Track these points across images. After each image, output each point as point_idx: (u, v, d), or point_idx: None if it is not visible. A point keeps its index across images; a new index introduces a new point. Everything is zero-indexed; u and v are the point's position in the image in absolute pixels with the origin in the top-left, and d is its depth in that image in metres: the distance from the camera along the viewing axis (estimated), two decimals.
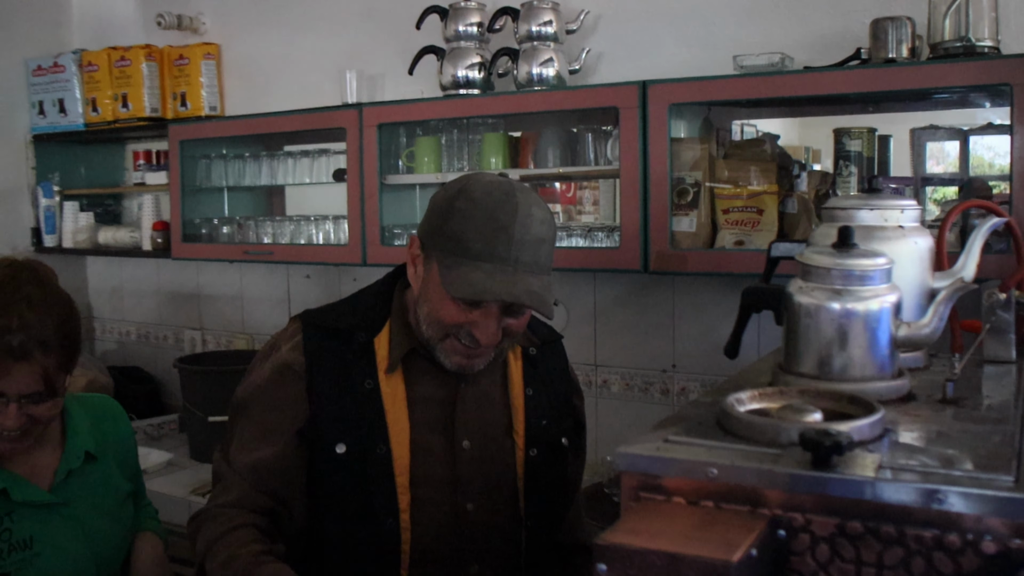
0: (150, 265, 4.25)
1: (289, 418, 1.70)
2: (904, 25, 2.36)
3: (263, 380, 1.74)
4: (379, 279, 1.84)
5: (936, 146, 2.71)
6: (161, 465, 3.41)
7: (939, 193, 2.71)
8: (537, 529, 1.79)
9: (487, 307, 1.61)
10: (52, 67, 4.14)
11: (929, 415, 1.30)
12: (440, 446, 1.71)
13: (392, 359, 1.70)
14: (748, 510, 1.05)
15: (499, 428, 1.77)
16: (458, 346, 1.65)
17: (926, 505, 0.99)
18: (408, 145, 3.16)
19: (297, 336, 1.74)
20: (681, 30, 2.85)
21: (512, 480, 1.76)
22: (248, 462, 1.69)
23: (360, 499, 1.67)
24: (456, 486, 1.71)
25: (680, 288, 2.92)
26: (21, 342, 1.69)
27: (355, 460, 1.67)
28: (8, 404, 1.72)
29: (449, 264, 1.60)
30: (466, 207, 1.61)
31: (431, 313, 1.66)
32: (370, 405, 1.68)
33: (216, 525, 1.63)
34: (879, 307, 1.34)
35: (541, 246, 1.62)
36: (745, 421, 1.15)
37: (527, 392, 1.80)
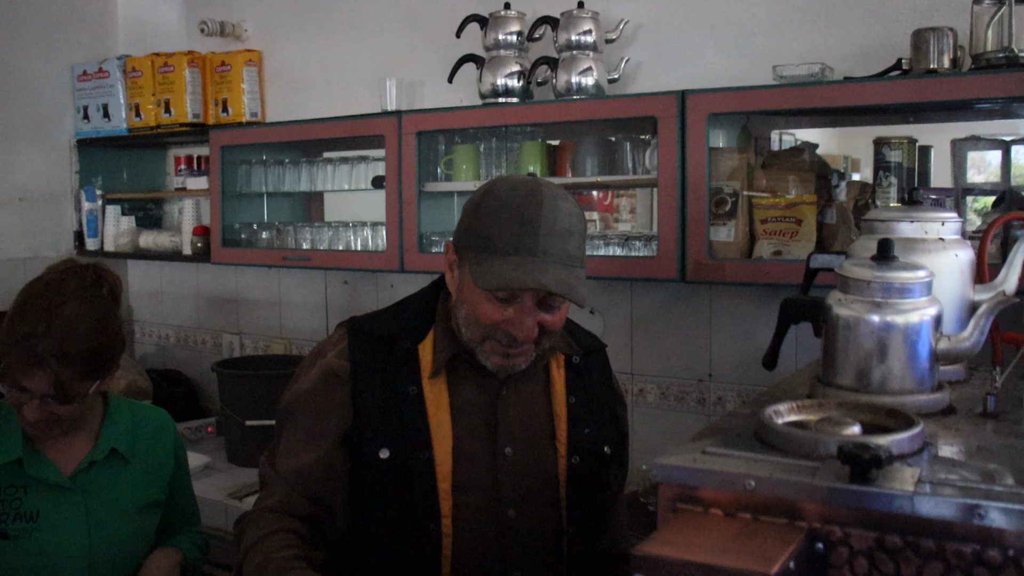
0: (190, 269, 4.30)
1: (334, 423, 1.72)
2: (946, 36, 2.35)
3: (309, 386, 1.77)
4: (424, 287, 1.86)
5: (977, 156, 2.69)
6: (199, 468, 3.44)
7: (979, 203, 2.69)
8: (579, 537, 1.79)
9: (521, 302, 1.63)
10: (97, 72, 4.20)
11: (969, 429, 1.29)
12: (483, 452, 1.72)
13: (436, 365, 1.72)
14: (785, 523, 1.05)
15: (542, 435, 1.78)
16: (497, 347, 1.67)
17: (967, 520, 0.99)
18: (447, 153, 3.18)
19: (343, 343, 1.77)
20: (720, 40, 2.85)
21: (554, 488, 1.77)
22: (292, 467, 1.71)
23: (403, 504, 1.69)
24: (498, 492, 1.72)
25: (717, 297, 2.92)
26: (42, 349, 1.79)
27: (398, 465, 1.68)
28: (31, 399, 1.84)
29: (479, 261, 1.63)
30: (492, 205, 1.65)
31: (468, 315, 1.68)
32: (414, 410, 1.70)
33: (256, 529, 1.65)
34: (919, 320, 1.34)
35: (569, 238, 1.63)
36: (783, 433, 1.16)
37: (570, 400, 1.80)
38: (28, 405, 1.84)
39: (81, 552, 1.94)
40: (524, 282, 1.58)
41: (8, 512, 1.90)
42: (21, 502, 1.91)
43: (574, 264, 1.64)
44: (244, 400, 3.49)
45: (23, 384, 1.82)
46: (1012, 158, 2.63)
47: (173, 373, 4.30)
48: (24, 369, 1.80)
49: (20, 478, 1.92)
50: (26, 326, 1.80)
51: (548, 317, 1.66)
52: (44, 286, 1.88)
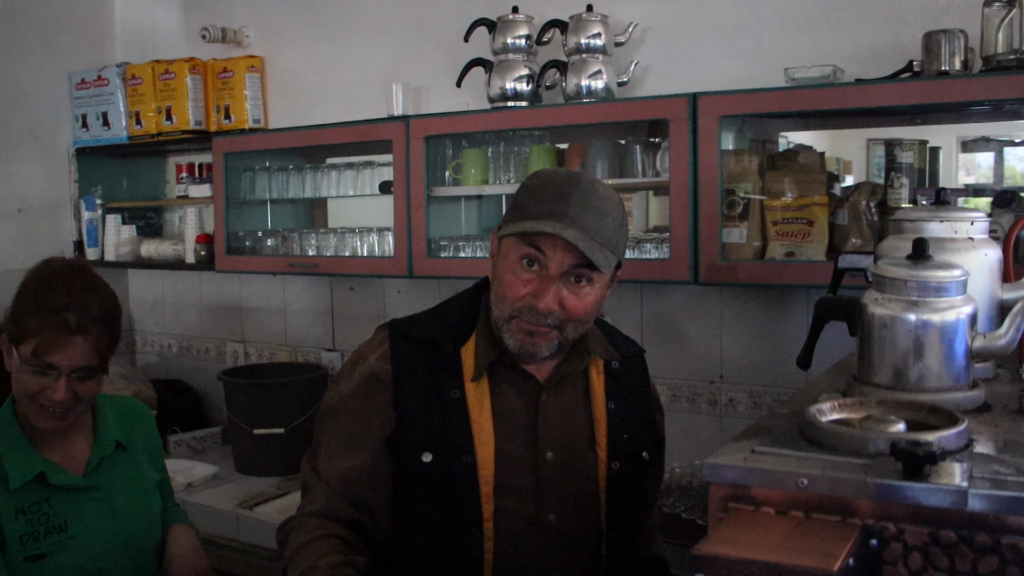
0: (192, 278, 4.28)
1: (377, 427, 1.72)
2: (957, 38, 2.36)
3: (351, 389, 1.76)
4: (465, 289, 1.86)
5: (967, 157, 2.71)
6: (207, 478, 3.43)
7: (970, 203, 2.71)
8: (618, 541, 1.79)
9: (544, 272, 1.63)
10: (96, 80, 4.18)
11: (1008, 425, 1.30)
12: (524, 457, 1.72)
13: (478, 369, 1.72)
14: (839, 520, 1.06)
15: (581, 440, 1.78)
16: (522, 324, 1.67)
17: (1020, 514, 1.00)
18: (455, 157, 3.18)
19: (384, 345, 1.77)
20: (731, 43, 2.86)
21: (594, 492, 1.77)
22: (336, 471, 1.71)
23: (445, 508, 1.68)
24: (538, 497, 1.72)
25: (728, 299, 2.92)
26: (78, 319, 1.86)
27: (441, 469, 1.68)
28: (59, 378, 1.85)
29: (508, 223, 1.67)
30: (532, 182, 1.71)
31: (497, 290, 1.70)
32: (456, 414, 1.70)
33: (300, 534, 1.65)
34: (956, 318, 1.35)
35: (603, 218, 1.64)
36: (831, 431, 1.16)
37: (609, 406, 1.80)
38: (55, 386, 1.85)
39: (117, 548, 1.98)
40: (542, 228, 1.60)
41: (39, 529, 1.88)
42: (48, 516, 1.90)
43: (604, 243, 1.63)
44: (252, 409, 3.48)
45: (54, 360, 1.84)
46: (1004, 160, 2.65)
47: (176, 383, 4.27)
48: (61, 342, 1.84)
49: (41, 492, 1.91)
50: (58, 300, 1.87)
51: (572, 298, 1.65)
52: (59, 267, 1.97)
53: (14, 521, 1.86)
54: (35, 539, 1.87)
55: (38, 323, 1.86)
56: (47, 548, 1.87)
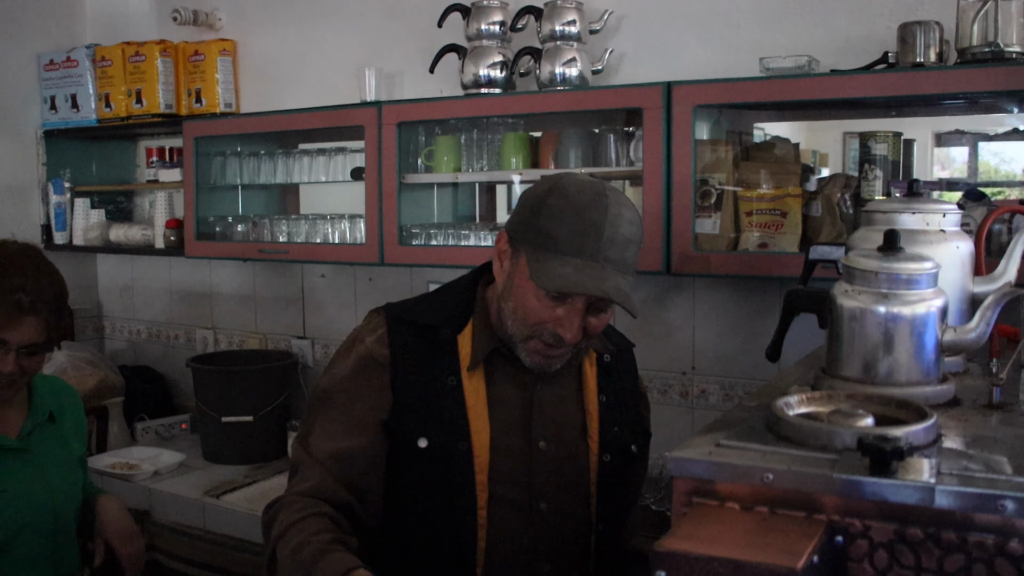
0: (162, 263, 4.22)
1: (373, 409, 1.71)
2: (932, 29, 2.35)
3: (347, 371, 1.75)
4: (461, 276, 1.85)
5: (942, 152, 2.71)
6: (173, 466, 3.39)
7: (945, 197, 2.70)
8: (607, 532, 1.80)
9: (572, 303, 1.62)
10: (65, 62, 4.11)
11: (977, 420, 1.29)
12: (518, 446, 1.72)
13: (475, 357, 1.72)
14: (804, 516, 1.04)
15: (574, 432, 1.78)
16: (540, 346, 1.67)
17: (987, 511, 0.98)
18: (427, 144, 3.15)
19: (381, 329, 1.75)
20: (706, 32, 2.83)
21: (585, 483, 1.78)
22: (330, 450, 1.69)
23: (440, 494, 1.68)
24: (531, 486, 1.72)
25: (700, 290, 2.91)
26: (31, 300, 2.02)
27: (436, 455, 1.68)
28: (8, 352, 2.03)
29: (538, 258, 1.62)
30: (558, 203, 1.62)
31: (517, 309, 1.67)
32: (453, 401, 1.69)
33: (290, 512, 1.62)
34: (926, 311, 1.33)
35: (628, 247, 1.63)
36: (798, 425, 1.14)
37: (601, 398, 1.81)
38: (4, 359, 2.02)
39: (44, 506, 2.14)
40: (586, 287, 1.58)
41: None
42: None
43: (628, 272, 1.64)
44: (220, 397, 3.45)
45: (6, 336, 2.00)
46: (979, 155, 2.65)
47: (145, 369, 4.22)
48: (13, 320, 2.00)
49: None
50: (12, 282, 2.01)
51: (594, 321, 1.66)
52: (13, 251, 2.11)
53: None
54: None
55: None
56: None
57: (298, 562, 1.54)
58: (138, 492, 3.24)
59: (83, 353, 3.83)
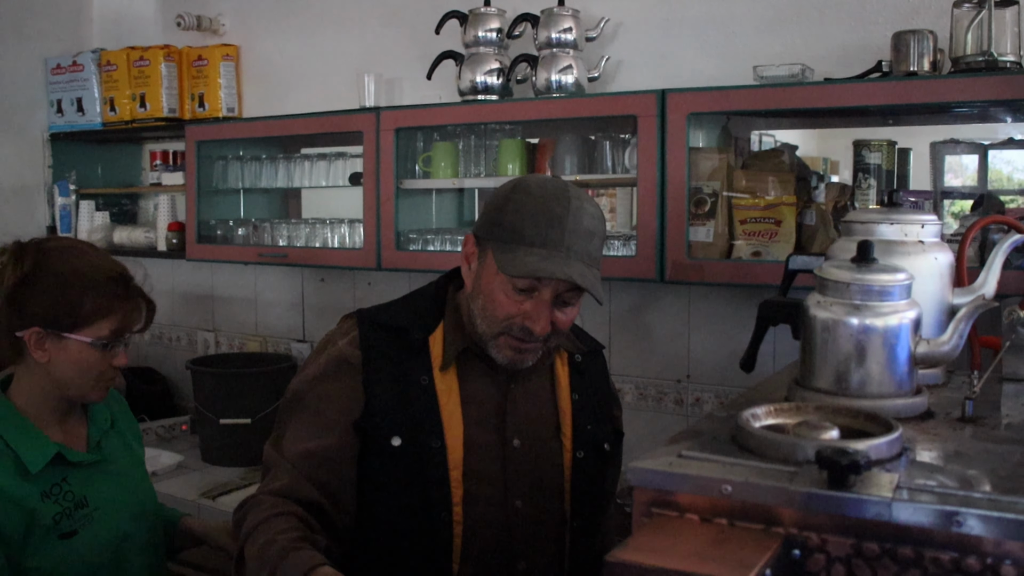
0: (164, 266, 4.24)
1: (345, 410, 1.72)
2: (926, 38, 2.34)
3: (319, 372, 1.77)
4: (432, 281, 1.88)
5: (955, 159, 2.69)
6: (171, 467, 3.40)
7: (957, 206, 2.69)
8: (581, 529, 1.81)
9: (539, 296, 1.65)
10: (71, 66, 4.14)
11: (948, 434, 1.28)
12: (492, 443, 1.74)
13: (446, 357, 1.74)
14: (762, 528, 1.04)
15: (548, 429, 1.80)
16: (512, 341, 1.69)
17: (945, 527, 0.98)
18: (425, 150, 3.15)
19: (353, 332, 1.78)
20: (701, 40, 2.83)
21: (559, 480, 1.80)
22: (300, 451, 1.70)
23: (415, 492, 1.69)
24: (506, 483, 1.74)
25: (696, 298, 2.90)
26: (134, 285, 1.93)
27: (410, 453, 1.69)
28: (127, 344, 1.94)
29: (504, 250, 1.65)
30: (521, 199, 1.68)
31: (486, 305, 1.70)
32: (425, 400, 1.71)
33: (259, 511, 1.63)
34: (898, 323, 1.33)
35: (592, 239, 1.67)
36: (760, 437, 1.14)
37: (573, 397, 1.84)
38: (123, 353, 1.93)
39: (136, 515, 2.04)
40: (552, 272, 1.61)
41: (68, 506, 1.91)
42: (72, 494, 1.92)
43: (594, 264, 1.69)
44: (218, 398, 3.45)
45: (135, 326, 1.93)
46: (989, 162, 2.63)
47: (147, 371, 4.24)
48: (135, 309, 1.91)
49: (57, 473, 1.92)
50: (114, 271, 1.90)
51: (560, 316, 1.69)
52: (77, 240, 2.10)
53: (43, 504, 1.87)
54: (67, 516, 1.89)
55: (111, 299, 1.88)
56: (78, 524, 1.91)
57: (264, 560, 1.54)
58: None
59: None
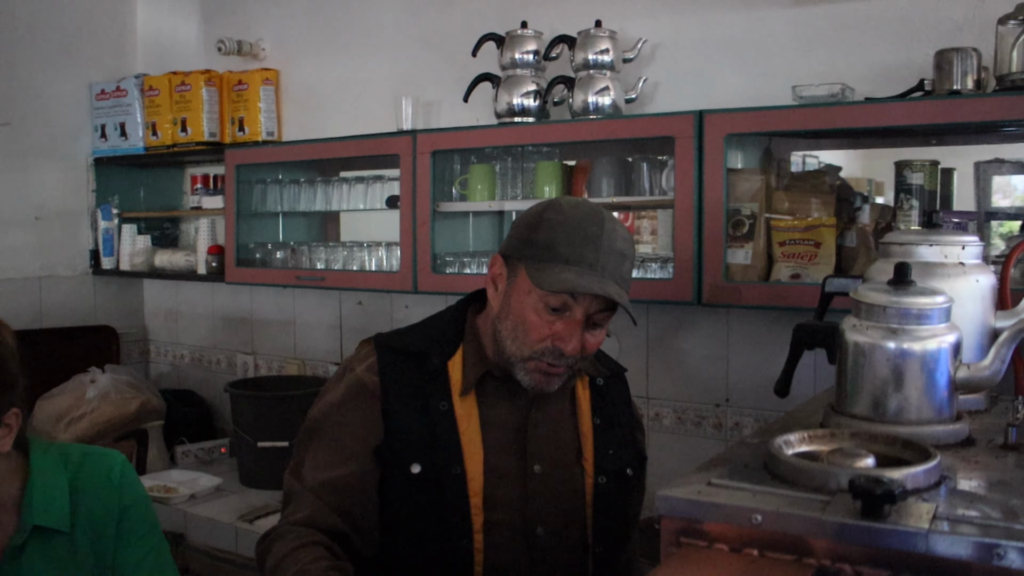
0: (204, 289, 4.28)
1: (364, 437, 1.71)
2: (970, 56, 2.30)
3: (338, 400, 1.76)
4: (451, 305, 1.87)
5: (1003, 180, 2.64)
6: (210, 490, 3.42)
7: (1005, 227, 2.63)
8: (604, 556, 1.79)
9: (571, 315, 1.64)
10: (115, 91, 4.21)
11: (989, 461, 1.24)
12: (512, 469, 1.73)
13: (466, 382, 1.73)
14: (793, 559, 1.01)
15: (569, 455, 1.79)
16: (541, 365, 1.68)
17: (985, 561, 0.94)
18: (462, 172, 3.15)
19: (371, 358, 1.77)
20: (739, 60, 2.81)
21: (581, 506, 1.78)
22: (322, 480, 1.69)
23: (435, 519, 1.68)
24: (527, 509, 1.72)
25: (734, 321, 2.86)
26: None
27: (430, 480, 1.68)
28: None
29: (539, 267, 1.65)
30: (555, 218, 1.67)
31: (516, 327, 1.68)
32: (445, 426, 1.70)
33: (286, 542, 1.62)
34: (937, 347, 1.29)
35: (624, 261, 1.67)
36: (792, 465, 1.11)
37: (595, 421, 1.82)
38: None
39: None
40: (588, 287, 1.60)
41: None
42: None
43: (625, 287, 1.67)
44: (257, 421, 3.47)
45: None
46: None
47: (187, 393, 4.28)
48: None
49: None
50: None
51: (590, 338, 1.68)
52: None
53: None
54: None
55: None
56: None
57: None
58: (174, 515, 3.27)
59: (126, 376, 3.89)
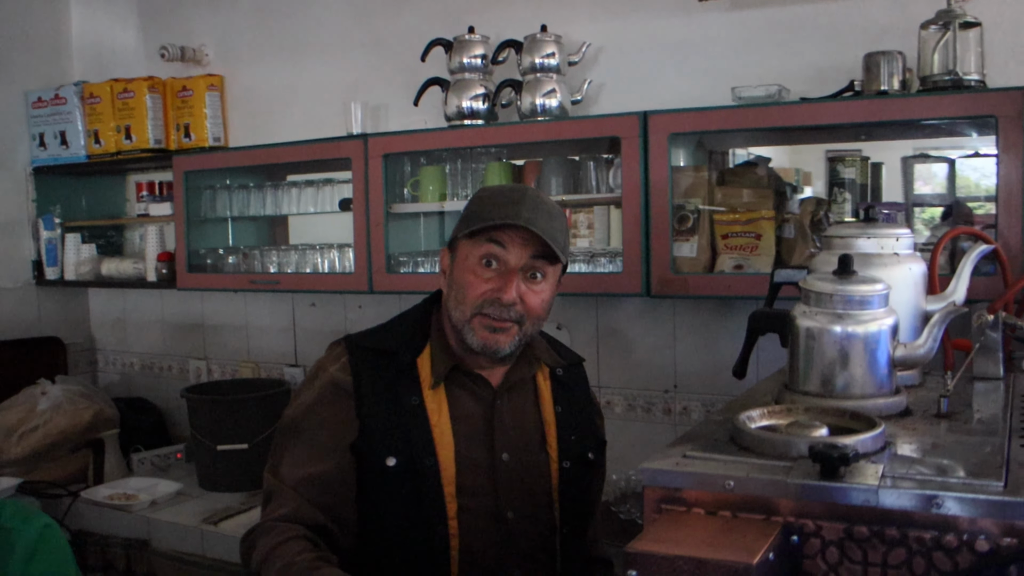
0: (153, 296, 4.29)
1: (340, 434, 1.79)
2: (895, 59, 2.46)
3: (313, 400, 1.83)
4: (416, 305, 1.96)
5: (924, 168, 2.81)
6: (171, 495, 3.45)
7: (927, 214, 2.81)
8: (571, 536, 1.89)
9: (504, 266, 1.75)
10: (53, 99, 4.17)
11: (925, 428, 1.38)
12: (482, 458, 1.81)
13: (435, 376, 1.82)
14: (763, 518, 1.13)
15: (534, 442, 1.88)
16: (486, 321, 1.77)
17: (926, 510, 1.08)
18: (413, 174, 3.24)
19: (343, 358, 1.85)
20: (680, 62, 2.94)
21: (547, 491, 1.87)
22: (301, 476, 1.76)
23: (411, 508, 1.76)
24: (497, 495, 1.81)
25: (680, 311, 3.00)
26: None
27: (405, 472, 1.76)
28: None
29: (465, 226, 1.78)
30: (481, 194, 1.85)
31: (457, 293, 1.79)
32: (417, 420, 1.78)
33: (271, 537, 1.68)
34: (878, 329, 1.43)
35: (552, 220, 1.77)
36: (757, 437, 1.24)
37: (556, 409, 1.91)
38: None
39: None
40: (504, 217, 1.72)
41: None
42: None
43: (556, 244, 1.76)
44: (215, 425, 3.51)
45: None
46: (957, 170, 2.75)
47: (139, 401, 4.28)
48: None
49: None
50: None
51: (528, 293, 1.77)
52: None
53: None
54: None
55: None
56: None
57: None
58: (136, 522, 3.29)
59: (77, 386, 3.89)
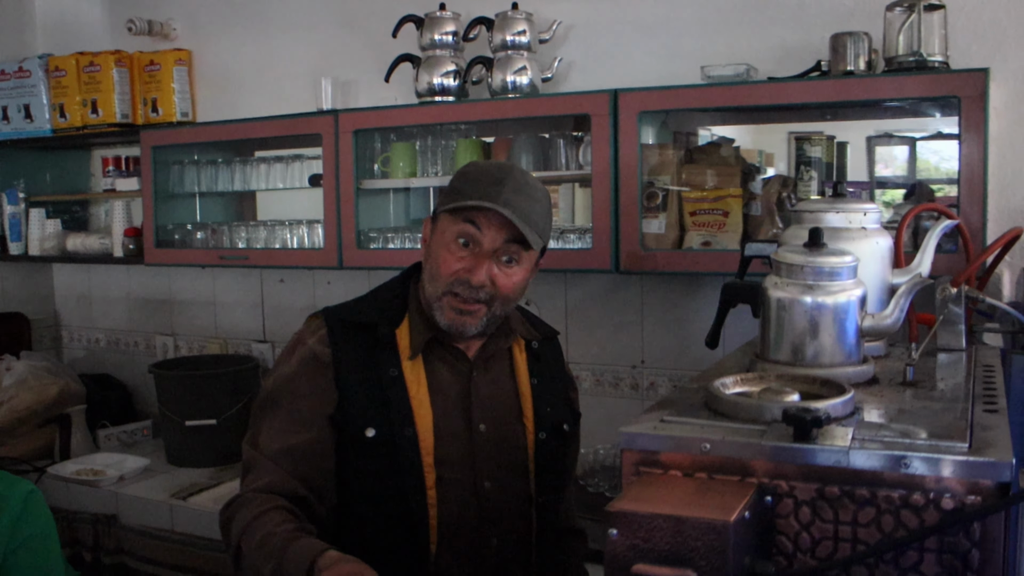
0: (119, 272, 4.27)
1: (319, 406, 1.80)
2: (861, 40, 2.51)
3: (292, 372, 1.84)
4: (393, 277, 1.97)
5: (886, 151, 2.87)
6: (138, 471, 3.44)
7: (888, 195, 2.87)
8: (546, 506, 1.92)
9: (478, 248, 1.76)
10: (17, 72, 4.11)
11: (892, 396, 1.43)
12: (460, 429, 1.84)
13: (414, 348, 1.83)
14: (738, 480, 1.17)
15: (510, 414, 1.91)
16: (454, 301, 1.79)
17: (895, 470, 1.12)
18: (383, 151, 3.25)
19: (322, 330, 1.86)
20: (650, 41, 2.97)
21: (524, 461, 1.90)
22: (280, 447, 1.77)
23: (391, 479, 1.78)
24: (475, 465, 1.84)
25: (648, 287, 3.05)
26: None
27: (384, 443, 1.78)
28: None
29: (446, 203, 1.79)
30: (467, 170, 1.86)
31: (431, 267, 1.81)
32: (396, 391, 1.80)
33: (250, 509, 1.70)
34: (847, 300, 1.47)
35: (533, 204, 1.78)
36: (732, 402, 1.27)
37: (532, 382, 1.94)
38: None
39: None
40: (481, 201, 1.73)
41: None
42: None
43: (532, 226, 1.76)
44: (183, 401, 3.51)
45: None
46: (918, 153, 2.81)
47: (104, 377, 4.26)
48: None
49: None
50: None
51: (500, 275, 1.78)
52: None
53: None
54: None
55: None
56: None
57: (267, 552, 1.61)
58: (104, 497, 3.29)
59: (42, 362, 3.87)
